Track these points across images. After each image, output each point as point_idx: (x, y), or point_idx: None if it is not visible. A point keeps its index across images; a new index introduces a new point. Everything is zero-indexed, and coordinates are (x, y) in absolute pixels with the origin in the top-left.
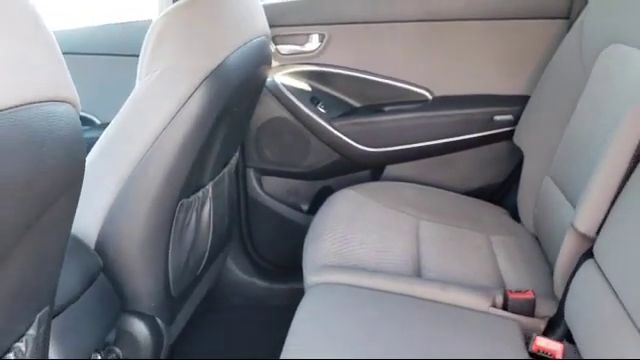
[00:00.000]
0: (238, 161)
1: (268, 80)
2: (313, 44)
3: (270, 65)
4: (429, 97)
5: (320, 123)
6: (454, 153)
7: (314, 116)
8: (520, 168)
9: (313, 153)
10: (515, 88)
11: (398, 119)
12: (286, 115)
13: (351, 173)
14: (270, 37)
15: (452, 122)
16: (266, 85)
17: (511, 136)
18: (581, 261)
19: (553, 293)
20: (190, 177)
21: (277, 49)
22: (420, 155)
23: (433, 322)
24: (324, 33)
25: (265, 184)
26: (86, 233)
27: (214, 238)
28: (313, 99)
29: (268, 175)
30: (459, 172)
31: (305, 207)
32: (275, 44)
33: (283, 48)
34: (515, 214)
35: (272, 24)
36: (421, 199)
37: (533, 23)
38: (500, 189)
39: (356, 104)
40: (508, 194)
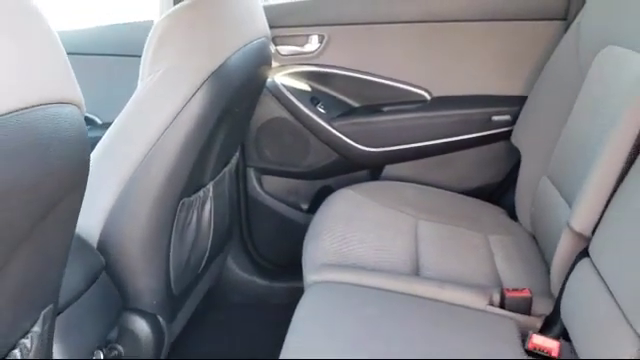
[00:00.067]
0: (238, 161)
1: (268, 80)
2: (313, 45)
3: (270, 66)
4: (428, 97)
5: (320, 123)
6: (452, 153)
7: (314, 116)
8: (518, 168)
9: (313, 153)
10: (513, 89)
11: (397, 119)
12: (286, 115)
13: (350, 173)
14: (270, 38)
15: (451, 122)
16: (266, 85)
17: (509, 136)
18: (577, 260)
19: (550, 291)
20: (191, 177)
21: (277, 50)
22: (419, 155)
23: (431, 320)
24: (323, 34)
25: (265, 183)
26: (88, 232)
27: (215, 237)
28: (313, 99)
29: (268, 175)
30: (457, 172)
31: (305, 206)
32: (275, 45)
33: (283, 49)
34: (513, 213)
35: (272, 25)
36: (420, 199)
37: (531, 24)
38: (498, 189)
39: (355, 104)
40: (506, 194)
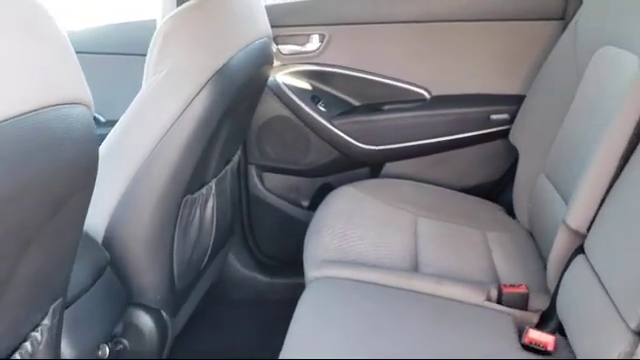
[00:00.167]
0: (240, 158)
1: (270, 79)
2: (314, 44)
3: (272, 65)
4: (427, 96)
5: (320, 121)
6: (451, 151)
7: (314, 115)
8: (516, 166)
9: (313, 151)
10: (511, 88)
11: (397, 118)
12: (287, 114)
13: (351, 170)
14: (272, 37)
15: (450, 121)
16: (268, 84)
17: (507, 135)
18: (573, 257)
19: (546, 287)
20: (194, 174)
21: (278, 49)
22: (418, 153)
23: (430, 315)
24: (324, 33)
25: (266, 181)
26: (94, 228)
27: (217, 233)
28: (314, 98)
29: (269, 172)
30: (456, 170)
31: (305, 203)
32: (276, 44)
33: (284, 48)
34: (511, 211)
35: (274, 24)
36: (419, 196)
37: (529, 24)
38: (496, 186)
39: (356, 103)
40: (504, 191)
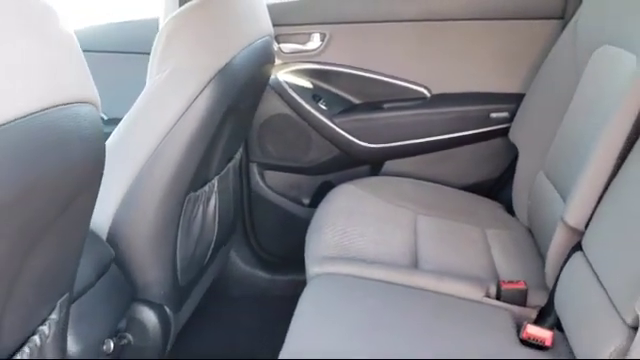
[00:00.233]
0: (242, 156)
1: (271, 78)
2: (314, 43)
3: (274, 64)
4: (427, 95)
5: (321, 120)
6: (451, 149)
7: (315, 113)
8: (515, 164)
9: (314, 149)
10: (511, 86)
11: (397, 116)
12: (288, 112)
13: (351, 168)
14: (273, 36)
15: (450, 119)
16: (269, 83)
17: (507, 133)
18: (570, 253)
19: (545, 284)
20: (197, 172)
21: (280, 48)
22: (418, 151)
23: (430, 311)
24: (325, 32)
25: (268, 178)
26: (98, 225)
27: (219, 230)
28: (315, 96)
29: (270, 170)
30: (456, 168)
31: (306, 201)
32: (278, 43)
33: (286, 47)
34: (510, 208)
35: (275, 23)
36: (419, 194)
37: (529, 23)
38: (496, 184)
39: (356, 101)
40: (503, 189)
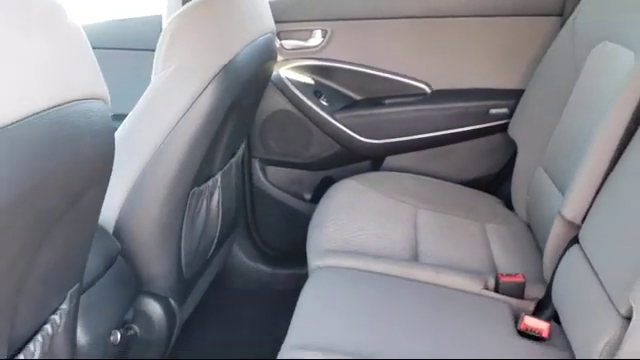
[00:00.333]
0: (244, 152)
1: (273, 74)
2: (316, 39)
3: (276, 60)
4: (428, 91)
5: (322, 115)
6: (451, 145)
7: (317, 109)
8: (514, 159)
9: (316, 144)
10: (510, 82)
11: (398, 112)
12: (290, 108)
13: (352, 164)
14: (275, 33)
15: (450, 115)
16: (271, 79)
17: (506, 129)
18: (568, 247)
19: (543, 277)
20: (201, 167)
21: (282, 44)
22: (419, 146)
23: (430, 303)
24: (327, 29)
25: (269, 174)
26: (105, 219)
27: (222, 224)
28: (316, 92)
29: (272, 165)
30: (456, 163)
31: (308, 196)
32: (280, 39)
33: (287, 43)
34: (509, 203)
35: (277, 20)
36: (419, 189)
37: (528, 20)
38: (495, 179)
39: (357, 97)
40: (503, 184)
